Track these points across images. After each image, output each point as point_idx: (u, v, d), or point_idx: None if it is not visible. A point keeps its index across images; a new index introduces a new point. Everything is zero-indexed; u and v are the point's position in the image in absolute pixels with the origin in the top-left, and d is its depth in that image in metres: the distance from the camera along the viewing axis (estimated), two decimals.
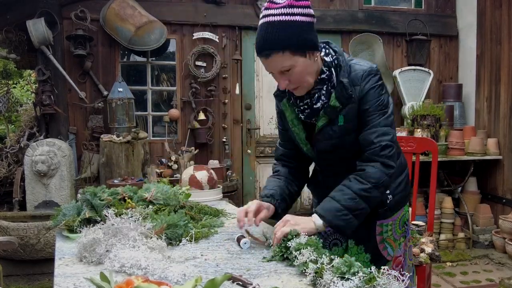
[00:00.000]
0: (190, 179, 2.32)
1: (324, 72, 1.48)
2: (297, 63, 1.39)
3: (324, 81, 1.48)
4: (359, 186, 1.43)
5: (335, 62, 1.49)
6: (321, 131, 1.53)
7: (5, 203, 4.17)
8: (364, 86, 1.46)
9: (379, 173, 1.45)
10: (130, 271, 1.18)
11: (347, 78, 1.46)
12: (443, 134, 4.46)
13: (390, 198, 1.58)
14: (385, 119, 1.47)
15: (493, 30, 4.61)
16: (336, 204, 1.43)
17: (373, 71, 1.48)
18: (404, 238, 1.66)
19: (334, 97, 1.46)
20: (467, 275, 3.83)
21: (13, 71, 6.33)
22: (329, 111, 1.48)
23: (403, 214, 1.65)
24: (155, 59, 4.66)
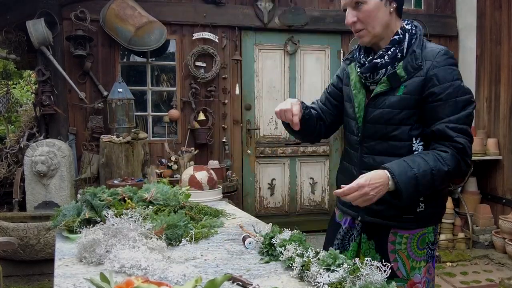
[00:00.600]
0: (190, 179, 2.32)
1: (398, 34, 1.45)
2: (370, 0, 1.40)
3: (394, 42, 1.45)
4: (437, 165, 1.34)
5: (412, 32, 1.46)
6: (377, 97, 1.47)
7: (5, 203, 4.17)
8: (439, 62, 1.39)
9: (458, 164, 1.36)
10: (130, 272, 1.18)
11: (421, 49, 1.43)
12: None
13: (421, 207, 1.45)
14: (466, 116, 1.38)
15: (493, 30, 4.61)
16: (411, 171, 1.33)
17: (450, 53, 1.42)
18: (426, 263, 1.50)
19: (402, 66, 1.42)
20: (467, 275, 3.83)
21: (13, 71, 6.33)
22: (392, 78, 1.43)
23: (425, 232, 1.49)
24: (155, 59, 4.66)
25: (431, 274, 1.53)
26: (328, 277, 1.06)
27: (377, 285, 1.01)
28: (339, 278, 1.05)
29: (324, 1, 4.91)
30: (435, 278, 2.66)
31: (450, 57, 1.41)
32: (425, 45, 1.44)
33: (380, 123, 1.46)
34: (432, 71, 1.39)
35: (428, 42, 1.47)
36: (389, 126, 1.45)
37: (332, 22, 4.86)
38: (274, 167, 4.91)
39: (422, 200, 1.45)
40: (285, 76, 4.89)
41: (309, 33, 4.84)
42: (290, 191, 4.95)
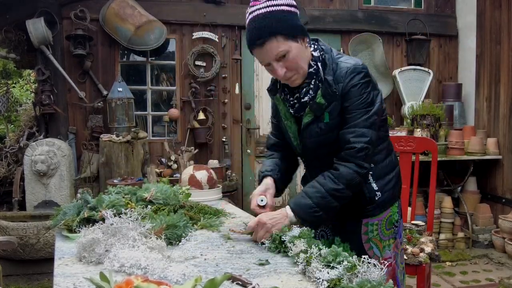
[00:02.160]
0: (190, 178, 2.32)
1: (312, 66, 1.51)
2: (291, 48, 1.43)
3: (312, 75, 1.51)
4: (331, 186, 1.48)
5: (322, 58, 1.52)
6: (308, 128, 1.55)
7: (5, 203, 4.17)
8: (348, 83, 1.47)
9: (352, 174, 1.48)
10: (130, 271, 1.18)
11: (332, 75, 1.49)
12: (442, 134, 4.45)
13: (378, 195, 1.60)
14: (365, 120, 1.48)
15: (493, 30, 4.61)
16: (308, 201, 1.48)
17: (357, 69, 1.48)
18: (394, 240, 1.66)
19: (320, 94, 1.49)
20: (466, 275, 3.84)
21: (12, 70, 6.32)
22: (314, 107, 1.51)
23: (390, 214, 1.65)
24: (155, 58, 4.65)
25: (398, 248, 1.69)
26: (328, 273, 1.09)
27: (374, 282, 1.02)
28: (338, 275, 1.08)
29: (324, 1, 4.91)
30: (435, 278, 2.64)
31: (358, 73, 1.48)
32: (336, 67, 1.50)
33: (318, 148, 1.58)
34: (344, 91, 1.48)
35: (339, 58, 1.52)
36: (326, 148, 1.56)
37: (332, 21, 4.86)
38: None
39: (377, 189, 1.59)
40: None
41: (309, 32, 4.82)
42: (290, 190, 4.95)
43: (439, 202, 4.58)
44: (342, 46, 4.96)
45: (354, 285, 1.02)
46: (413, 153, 2.64)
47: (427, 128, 4.30)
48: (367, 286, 1.00)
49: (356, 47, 4.86)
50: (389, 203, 1.64)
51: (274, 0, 1.42)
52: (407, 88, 4.87)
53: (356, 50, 4.87)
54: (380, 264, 1.10)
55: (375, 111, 1.50)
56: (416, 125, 4.40)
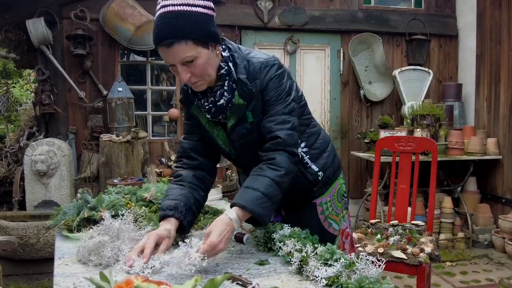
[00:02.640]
0: None
1: (223, 68, 1.44)
2: (200, 54, 1.35)
3: (224, 76, 1.45)
4: (275, 173, 1.39)
5: (232, 58, 1.46)
6: (234, 131, 1.50)
7: (5, 202, 4.17)
8: (264, 78, 1.46)
9: (287, 161, 1.43)
10: (144, 273, 1.17)
11: (246, 73, 1.45)
12: (442, 134, 4.45)
13: (321, 175, 1.65)
14: (284, 107, 1.47)
15: (493, 30, 4.61)
16: (256, 193, 1.36)
17: (270, 63, 1.48)
18: (347, 210, 1.76)
19: (238, 95, 1.45)
20: (466, 275, 3.83)
21: (12, 70, 6.32)
22: (235, 109, 1.46)
23: (339, 187, 1.72)
24: (155, 58, 4.65)
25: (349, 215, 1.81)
26: (326, 271, 1.10)
27: (372, 279, 1.04)
28: (336, 272, 1.09)
29: (324, 1, 4.91)
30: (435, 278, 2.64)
31: (272, 66, 1.47)
32: (247, 64, 1.46)
33: (250, 149, 1.51)
34: (262, 87, 1.46)
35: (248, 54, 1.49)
36: (258, 145, 1.49)
37: (332, 21, 4.86)
38: None
39: (317, 170, 1.63)
40: None
41: (309, 32, 4.84)
42: None
43: (439, 202, 4.58)
44: (342, 46, 4.96)
45: (353, 282, 1.04)
46: (413, 153, 2.64)
47: (427, 128, 4.30)
48: (365, 282, 1.02)
49: (356, 47, 4.86)
50: (332, 178, 1.70)
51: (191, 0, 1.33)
52: (407, 88, 4.87)
53: (356, 50, 4.87)
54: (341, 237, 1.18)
55: (292, 98, 1.50)
56: (416, 125, 4.40)
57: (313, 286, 1.11)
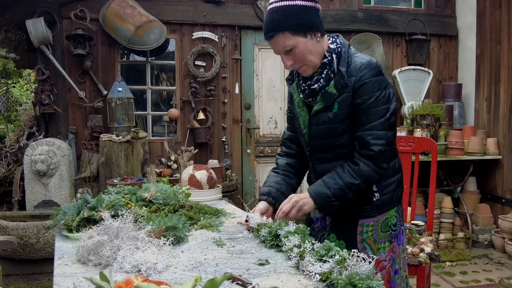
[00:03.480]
0: (190, 178, 2.32)
1: (327, 57, 1.56)
2: (298, 43, 1.51)
3: (325, 65, 1.56)
4: (350, 180, 1.54)
5: (338, 50, 1.57)
6: (317, 115, 1.61)
7: (5, 202, 4.17)
8: (360, 77, 1.52)
9: (370, 172, 1.54)
10: (147, 274, 1.18)
11: (346, 67, 1.54)
12: (442, 134, 4.45)
13: (377, 197, 1.63)
14: (383, 122, 1.52)
15: (493, 30, 4.61)
16: (327, 191, 1.56)
17: (371, 65, 1.54)
18: (390, 243, 1.67)
19: (333, 85, 1.55)
20: (466, 275, 3.84)
21: (12, 70, 6.32)
22: (326, 96, 1.56)
23: (387, 217, 1.66)
24: (155, 58, 4.65)
25: (395, 252, 1.69)
26: (320, 267, 1.12)
27: (363, 275, 1.05)
28: (330, 268, 1.11)
29: (324, 1, 4.90)
30: (434, 278, 2.63)
31: (372, 69, 1.53)
32: (350, 61, 1.56)
33: (324, 137, 1.62)
34: (357, 85, 1.52)
35: (355, 55, 1.59)
36: (332, 138, 1.60)
37: (332, 21, 4.85)
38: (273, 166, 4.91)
39: (375, 190, 1.63)
40: (285, 76, 4.88)
41: None
42: None
43: (439, 202, 4.58)
44: None
45: (343, 278, 1.05)
46: (413, 153, 2.64)
47: (427, 128, 4.30)
48: (355, 278, 1.03)
49: (356, 47, 4.85)
50: (387, 206, 1.66)
51: None
52: (407, 88, 4.87)
53: (356, 50, 4.86)
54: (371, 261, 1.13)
55: (392, 111, 1.54)
56: (416, 125, 4.40)
57: (308, 281, 1.13)
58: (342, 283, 1.03)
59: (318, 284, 1.11)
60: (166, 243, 1.36)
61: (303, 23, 1.50)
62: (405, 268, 1.76)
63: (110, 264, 1.25)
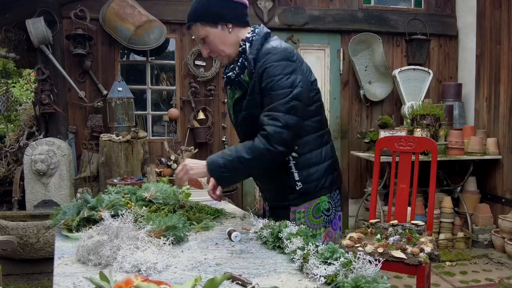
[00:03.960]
0: (190, 178, 2.31)
1: (241, 46, 1.63)
2: (209, 33, 1.61)
3: (240, 54, 1.64)
4: (242, 154, 1.57)
5: (251, 39, 1.63)
6: (237, 103, 1.70)
7: (5, 202, 4.17)
8: (263, 62, 1.56)
9: (263, 150, 1.55)
10: (147, 273, 1.17)
11: (255, 55, 1.60)
12: (442, 134, 4.45)
13: (299, 186, 1.67)
14: (282, 104, 1.53)
15: (493, 30, 4.61)
16: (220, 160, 1.60)
17: (275, 50, 1.57)
18: (325, 229, 1.72)
19: (246, 73, 1.62)
20: (466, 275, 3.84)
21: (12, 70, 6.32)
22: (240, 84, 1.65)
23: (318, 203, 1.69)
24: (155, 58, 4.65)
25: (331, 237, 1.75)
26: (325, 270, 1.11)
27: (369, 278, 1.04)
28: (335, 271, 1.10)
29: (324, 0, 4.91)
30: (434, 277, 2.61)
31: (275, 53, 1.56)
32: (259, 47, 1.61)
33: (244, 123, 1.70)
34: (260, 70, 1.58)
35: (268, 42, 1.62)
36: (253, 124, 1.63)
37: (332, 21, 4.85)
38: None
39: (297, 179, 1.66)
40: None
41: (309, 32, 4.84)
42: None
43: (439, 202, 4.58)
44: (342, 46, 4.96)
45: (349, 281, 1.04)
46: (413, 153, 2.64)
47: (427, 128, 4.30)
48: (361, 281, 1.02)
49: (356, 47, 4.86)
50: (313, 194, 1.69)
51: None
52: (407, 88, 4.87)
53: (356, 50, 4.87)
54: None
55: (294, 95, 1.54)
56: (416, 125, 4.40)
57: (313, 284, 1.12)
58: (348, 286, 1.02)
59: (323, 287, 1.11)
60: (166, 243, 1.36)
61: (214, 15, 1.58)
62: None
63: (110, 264, 1.25)
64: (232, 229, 1.57)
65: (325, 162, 1.70)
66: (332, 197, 1.73)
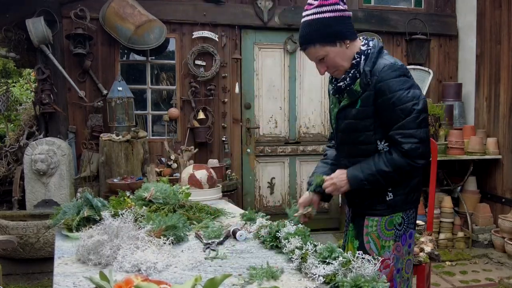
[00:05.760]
0: (190, 178, 2.32)
1: (355, 59, 1.68)
2: (328, 52, 1.65)
3: (353, 66, 1.68)
4: (381, 167, 1.62)
5: (366, 52, 1.67)
6: (343, 110, 1.74)
7: (5, 202, 4.16)
8: (382, 77, 1.61)
9: (403, 163, 1.61)
10: (147, 273, 1.17)
11: (371, 67, 1.64)
12: (442, 134, 4.45)
13: (390, 196, 1.70)
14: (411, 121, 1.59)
15: (493, 29, 4.60)
16: (360, 175, 1.65)
17: (394, 67, 1.62)
18: (394, 242, 1.73)
19: (358, 83, 1.66)
20: (466, 275, 3.84)
21: (12, 70, 6.32)
22: (350, 93, 1.68)
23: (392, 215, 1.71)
24: (155, 58, 4.65)
25: (399, 251, 1.74)
26: (324, 269, 1.12)
27: (368, 277, 1.05)
28: (333, 270, 1.11)
29: None
30: (434, 277, 2.61)
31: (394, 70, 1.62)
32: (376, 61, 1.66)
33: (347, 132, 1.74)
34: (378, 85, 1.62)
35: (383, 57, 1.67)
36: (354, 133, 1.71)
37: None
38: (273, 166, 4.91)
39: (390, 190, 1.70)
40: (285, 75, 4.89)
41: None
42: (290, 190, 4.95)
43: (439, 201, 4.58)
44: None
45: (349, 280, 1.04)
46: None
47: None
48: (361, 281, 1.03)
49: None
50: (399, 208, 1.71)
51: (320, 7, 1.62)
52: None
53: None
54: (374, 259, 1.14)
55: (420, 109, 1.60)
56: None
57: (312, 284, 1.12)
58: (347, 286, 1.03)
59: (322, 286, 1.11)
60: (166, 243, 1.36)
61: (332, 35, 1.63)
62: (408, 270, 1.78)
63: (110, 263, 1.25)
64: (237, 228, 1.57)
65: (415, 177, 1.74)
66: (407, 213, 1.75)
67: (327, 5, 1.62)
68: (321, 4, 1.62)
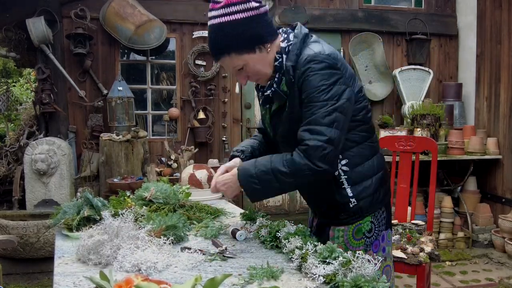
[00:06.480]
0: (190, 178, 2.32)
1: (277, 60, 1.44)
2: (247, 61, 1.41)
3: (277, 69, 1.45)
4: (278, 166, 1.38)
5: (287, 49, 1.44)
6: (274, 116, 1.54)
7: (5, 201, 4.17)
8: (304, 71, 1.37)
9: (302, 166, 1.36)
10: (147, 273, 1.18)
11: (294, 62, 1.40)
12: (442, 134, 4.45)
13: (353, 202, 1.48)
14: (323, 117, 1.34)
15: (493, 29, 4.60)
16: (253, 170, 1.41)
17: (318, 57, 1.36)
18: (365, 252, 1.52)
19: (284, 82, 1.44)
20: (466, 275, 3.84)
21: (12, 69, 6.33)
22: (277, 96, 1.46)
23: (360, 223, 1.51)
24: (155, 58, 4.65)
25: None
26: (324, 269, 1.11)
27: (368, 277, 1.04)
28: (334, 270, 1.10)
29: (324, 0, 4.90)
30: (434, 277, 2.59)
31: (317, 62, 1.36)
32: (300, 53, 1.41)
33: (285, 136, 1.52)
34: (300, 80, 1.38)
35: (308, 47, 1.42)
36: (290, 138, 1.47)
37: (332, 21, 4.85)
38: None
39: (351, 195, 1.48)
40: None
41: None
42: (289, 195, 4.94)
43: (439, 201, 4.58)
44: (342, 46, 4.95)
45: (349, 280, 1.04)
46: (413, 153, 2.64)
47: (427, 128, 4.30)
48: (361, 281, 1.03)
49: (356, 46, 4.85)
50: (366, 211, 1.51)
51: (228, 7, 1.36)
52: (407, 88, 4.87)
53: (356, 50, 4.87)
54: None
55: (337, 107, 1.35)
56: (416, 124, 4.40)
57: (312, 284, 1.12)
58: (347, 286, 1.02)
59: (322, 286, 1.11)
60: (166, 242, 1.36)
61: (249, 41, 1.37)
62: (389, 278, 1.58)
63: (110, 263, 1.25)
64: (236, 228, 1.56)
65: (376, 174, 1.52)
66: (376, 215, 1.54)
67: (236, 3, 1.35)
68: (228, 3, 1.36)
